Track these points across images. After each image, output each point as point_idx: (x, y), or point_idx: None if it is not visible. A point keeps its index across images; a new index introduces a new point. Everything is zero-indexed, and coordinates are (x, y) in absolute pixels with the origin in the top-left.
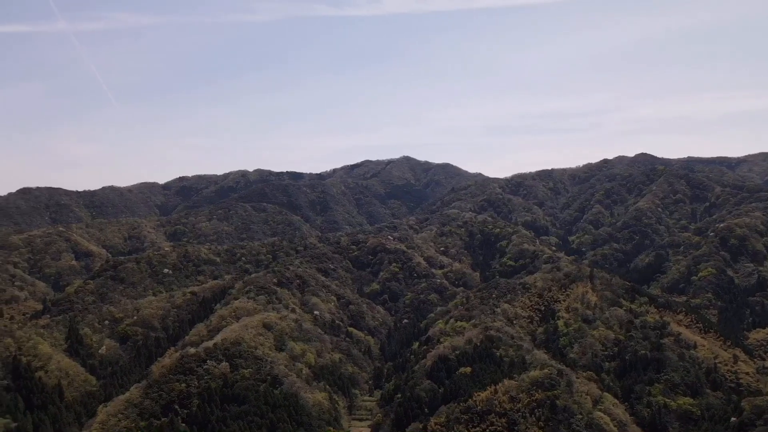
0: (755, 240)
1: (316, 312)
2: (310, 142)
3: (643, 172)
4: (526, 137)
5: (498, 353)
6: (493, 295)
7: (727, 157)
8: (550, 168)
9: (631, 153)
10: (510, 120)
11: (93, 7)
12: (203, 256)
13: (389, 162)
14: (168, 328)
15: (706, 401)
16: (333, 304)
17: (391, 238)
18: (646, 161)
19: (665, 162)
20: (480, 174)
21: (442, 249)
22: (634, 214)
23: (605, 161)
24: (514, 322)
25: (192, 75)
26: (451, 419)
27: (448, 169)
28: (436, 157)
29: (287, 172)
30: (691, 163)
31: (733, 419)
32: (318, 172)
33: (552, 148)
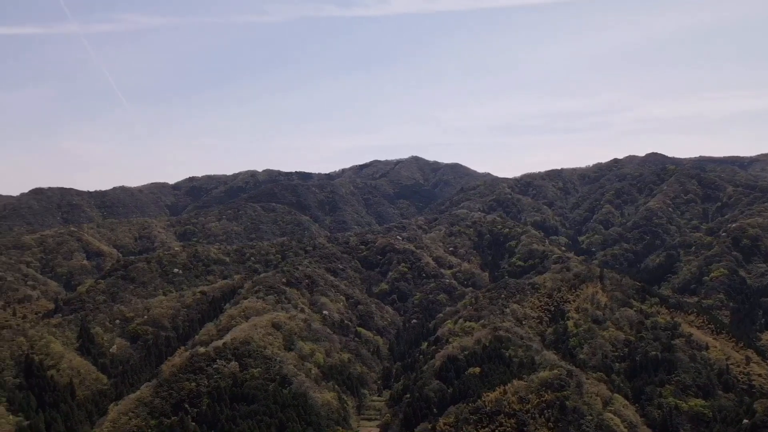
0: None
1: (325, 312)
2: (320, 142)
3: (653, 171)
4: (536, 137)
5: (507, 354)
6: (502, 295)
7: (739, 157)
8: (559, 168)
9: (641, 152)
10: (519, 120)
11: (105, 9)
12: (213, 256)
13: (398, 162)
14: (178, 328)
15: (718, 403)
16: (342, 303)
17: (400, 238)
18: (656, 161)
19: (676, 161)
20: (489, 174)
21: (451, 249)
22: (644, 214)
23: (615, 161)
24: (524, 322)
25: (202, 76)
26: (459, 420)
27: (457, 169)
28: (445, 157)
29: (296, 172)
30: (702, 163)
31: (745, 421)
32: (327, 172)
33: (562, 147)
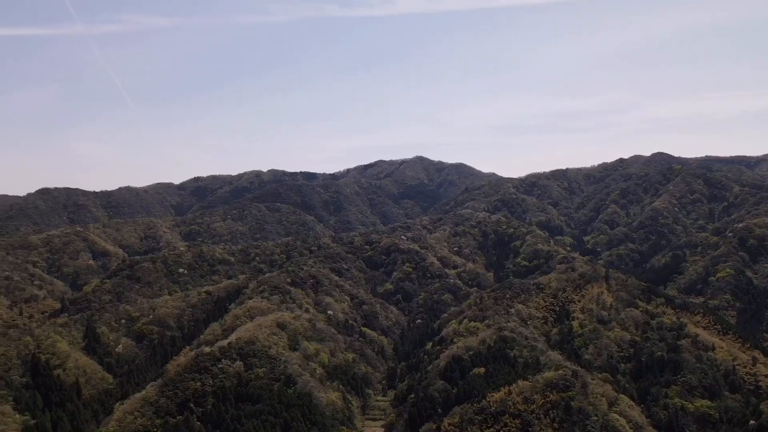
0: None
1: (329, 312)
2: (324, 142)
3: (659, 171)
4: (541, 137)
5: (512, 354)
6: (507, 295)
7: (746, 156)
8: (564, 168)
9: (647, 152)
10: (524, 119)
11: (110, 10)
12: (218, 256)
13: (402, 162)
14: (183, 327)
15: (725, 404)
16: (346, 303)
17: (405, 238)
18: (662, 160)
19: (682, 161)
20: (494, 174)
21: (455, 249)
22: (650, 214)
23: (621, 161)
24: (528, 322)
25: (207, 76)
26: (464, 420)
27: (462, 169)
28: (450, 157)
29: (301, 172)
30: (708, 162)
31: (751, 422)
32: (331, 172)
33: (567, 147)
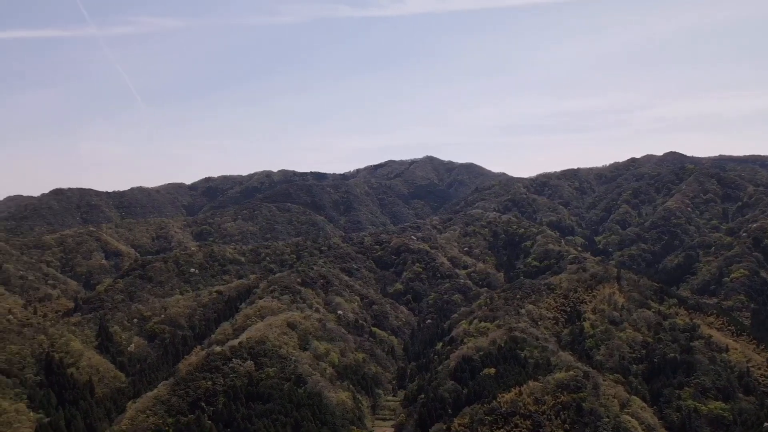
0: None
1: (339, 312)
2: (334, 142)
3: (672, 171)
4: (552, 136)
5: (522, 354)
6: (518, 295)
7: (760, 156)
8: (575, 167)
9: (659, 152)
10: (535, 119)
11: (121, 12)
12: (228, 256)
13: (412, 162)
14: (194, 327)
15: (739, 406)
16: (356, 303)
17: (415, 238)
18: (675, 160)
19: (695, 161)
20: (504, 174)
21: (465, 249)
22: (662, 214)
23: (633, 160)
24: (539, 323)
25: (217, 76)
26: (474, 420)
27: (472, 169)
28: (460, 157)
29: (311, 172)
30: (722, 162)
31: (766, 424)
32: (341, 172)
33: (578, 147)
